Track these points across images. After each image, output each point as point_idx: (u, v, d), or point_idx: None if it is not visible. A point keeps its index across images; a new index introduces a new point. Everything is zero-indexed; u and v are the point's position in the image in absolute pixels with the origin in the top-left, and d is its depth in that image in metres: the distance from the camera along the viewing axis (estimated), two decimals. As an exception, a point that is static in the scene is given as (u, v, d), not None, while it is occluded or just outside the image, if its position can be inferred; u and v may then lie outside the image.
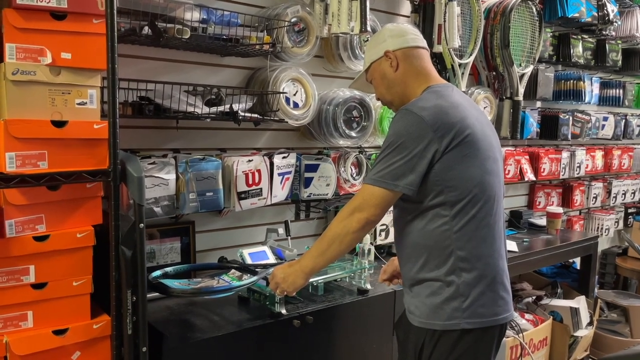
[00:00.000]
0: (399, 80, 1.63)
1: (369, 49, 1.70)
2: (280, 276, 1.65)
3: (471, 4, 2.88)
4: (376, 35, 1.71)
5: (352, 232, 1.53)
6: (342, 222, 1.54)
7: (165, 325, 1.72)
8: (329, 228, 1.57)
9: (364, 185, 1.54)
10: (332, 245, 1.56)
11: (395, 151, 1.48)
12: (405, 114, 1.51)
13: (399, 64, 1.62)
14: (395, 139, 1.49)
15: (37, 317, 1.46)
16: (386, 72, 1.64)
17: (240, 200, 2.08)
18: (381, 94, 1.70)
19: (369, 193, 1.51)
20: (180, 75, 2.06)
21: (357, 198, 1.53)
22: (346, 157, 2.48)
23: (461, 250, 1.50)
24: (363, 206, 1.51)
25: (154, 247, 2.03)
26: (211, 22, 1.88)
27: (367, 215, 1.51)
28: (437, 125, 1.46)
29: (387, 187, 1.49)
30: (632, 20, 3.84)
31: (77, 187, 1.48)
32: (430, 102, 1.52)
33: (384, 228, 2.62)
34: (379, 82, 1.68)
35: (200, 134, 2.15)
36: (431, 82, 1.62)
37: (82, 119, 1.44)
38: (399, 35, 1.65)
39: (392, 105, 1.70)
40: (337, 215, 1.58)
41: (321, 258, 1.59)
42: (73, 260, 1.49)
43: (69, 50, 1.41)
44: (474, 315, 1.50)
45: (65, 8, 1.39)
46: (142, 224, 1.46)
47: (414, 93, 1.61)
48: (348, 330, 2.03)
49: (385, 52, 1.63)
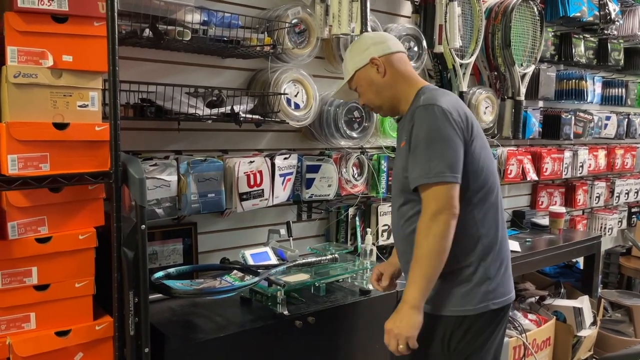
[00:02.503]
0: (388, 85, 1.67)
1: (350, 58, 1.72)
2: (395, 330, 1.52)
3: (472, 4, 2.88)
4: (355, 44, 1.73)
5: (444, 237, 1.48)
6: (428, 235, 1.48)
7: (168, 326, 1.73)
8: (419, 248, 1.50)
9: (427, 187, 1.50)
10: (432, 262, 1.49)
11: (438, 144, 1.50)
12: (431, 109, 1.53)
13: (386, 69, 1.66)
14: (434, 133, 1.51)
15: (39, 318, 1.47)
16: (373, 79, 1.67)
17: (242, 202, 2.08)
18: (369, 100, 1.72)
19: (438, 192, 1.49)
20: (181, 77, 2.07)
21: (429, 204, 1.49)
22: (348, 157, 2.48)
23: (486, 236, 1.59)
24: (441, 207, 1.48)
25: (156, 249, 2.04)
26: (212, 24, 1.88)
27: (450, 211, 1.49)
28: (460, 118, 1.55)
29: (450, 180, 1.49)
30: (634, 19, 3.83)
31: (79, 189, 1.49)
32: (444, 97, 1.58)
33: (386, 228, 2.62)
34: (366, 88, 1.70)
35: (202, 135, 2.16)
36: (421, 83, 1.69)
37: (83, 121, 1.44)
38: (381, 42, 1.69)
39: (381, 110, 1.74)
40: (417, 235, 1.51)
41: (425, 281, 1.49)
42: (75, 262, 1.50)
43: (70, 53, 1.42)
44: (498, 295, 1.60)
45: (67, 11, 1.40)
46: (143, 226, 1.47)
47: (405, 95, 1.66)
48: (350, 331, 2.03)
49: (371, 59, 1.66)
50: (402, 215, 1.65)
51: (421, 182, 1.51)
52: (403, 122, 1.67)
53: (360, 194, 2.55)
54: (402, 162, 1.62)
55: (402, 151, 1.63)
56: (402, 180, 1.62)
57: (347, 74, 1.73)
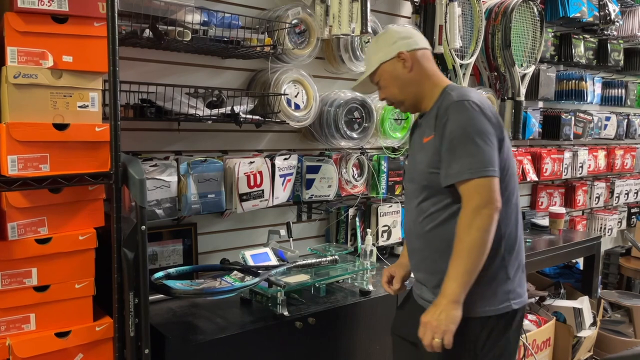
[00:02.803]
0: (414, 81, 1.66)
1: (376, 51, 1.69)
2: (433, 322, 1.47)
3: (472, 4, 2.88)
4: (382, 37, 1.72)
5: (488, 230, 1.47)
6: (471, 228, 1.47)
7: (168, 327, 1.72)
8: (460, 242, 1.48)
9: (468, 182, 1.48)
10: (474, 255, 1.47)
11: (478, 139, 1.50)
12: (467, 104, 1.53)
13: (413, 65, 1.65)
14: (472, 127, 1.51)
15: (39, 319, 1.47)
16: (399, 73, 1.66)
17: (242, 202, 2.08)
18: (391, 94, 1.70)
19: (481, 186, 1.48)
20: (181, 78, 2.07)
21: (472, 199, 1.48)
22: (348, 158, 2.48)
23: (508, 237, 1.59)
24: (484, 201, 1.47)
25: (156, 249, 2.04)
26: (212, 25, 1.88)
27: (494, 205, 1.48)
28: (492, 115, 1.56)
29: (492, 174, 1.49)
30: (634, 20, 3.83)
31: (79, 189, 1.49)
32: (476, 94, 1.58)
33: (386, 229, 2.62)
34: (389, 82, 1.68)
35: (202, 136, 2.16)
36: (445, 81, 1.68)
37: (83, 122, 1.44)
38: (408, 37, 1.68)
39: (402, 105, 1.72)
40: (458, 229, 1.50)
41: (467, 275, 1.47)
42: (75, 263, 1.50)
43: (71, 53, 1.42)
44: (517, 295, 1.61)
45: (67, 11, 1.39)
46: (143, 226, 1.47)
47: (429, 92, 1.66)
48: (350, 332, 2.02)
49: (399, 54, 1.65)
50: (422, 212, 1.63)
51: (463, 177, 1.49)
52: (426, 119, 1.65)
53: (360, 194, 2.55)
54: (426, 158, 1.60)
55: (426, 146, 1.60)
56: (426, 176, 1.60)
57: (371, 66, 1.70)
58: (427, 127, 1.62)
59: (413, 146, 1.75)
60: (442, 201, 1.58)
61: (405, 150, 2.71)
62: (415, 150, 1.71)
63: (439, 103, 1.60)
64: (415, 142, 1.72)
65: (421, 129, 1.68)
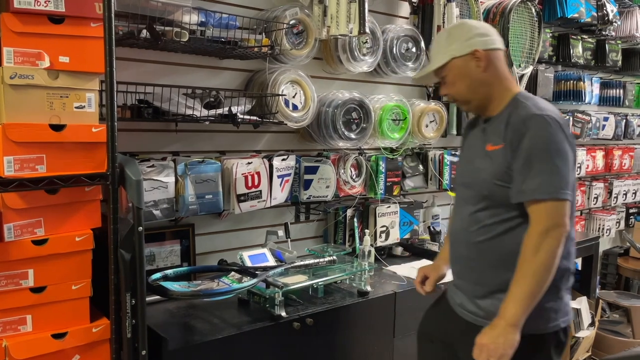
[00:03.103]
0: (485, 82, 1.58)
1: (448, 43, 1.60)
2: (490, 345, 1.43)
3: (470, 4, 2.87)
4: (457, 29, 1.62)
5: (555, 254, 1.43)
6: (539, 251, 1.42)
7: (165, 328, 1.72)
8: (526, 264, 1.43)
9: (540, 202, 1.43)
10: (540, 279, 1.42)
11: (556, 159, 1.44)
12: (547, 119, 1.46)
13: (487, 65, 1.57)
14: (552, 145, 1.44)
15: (36, 320, 1.46)
16: (471, 72, 1.57)
17: (240, 203, 2.07)
18: (457, 92, 1.62)
19: (553, 209, 1.43)
20: (179, 78, 2.06)
21: (542, 220, 1.43)
22: (346, 158, 2.48)
23: (566, 256, 1.51)
24: (554, 224, 1.42)
25: (153, 250, 2.03)
26: (209, 25, 1.88)
27: (564, 229, 1.43)
28: (569, 134, 1.49)
29: (566, 197, 1.43)
30: (632, 20, 3.84)
31: (75, 190, 1.48)
32: (552, 108, 1.52)
33: (384, 230, 2.62)
34: (457, 79, 1.60)
35: (200, 136, 2.15)
36: (517, 87, 1.61)
37: (80, 123, 1.44)
38: (486, 34, 1.59)
39: (467, 105, 1.64)
40: (525, 250, 1.44)
41: (530, 299, 1.42)
42: (72, 264, 1.49)
43: (67, 54, 1.41)
44: (564, 314, 1.55)
45: (63, 12, 1.39)
46: (140, 227, 1.46)
47: (499, 97, 1.58)
48: (348, 333, 2.02)
49: (474, 51, 1.56)
50: (476, 221, 1.57)
51: (536, 196, 1.43)
52: (493, 125, 1.57)
53: (359, 195, 2.55)
54: (491, 168, 1.52)
55: (492, 155, 1.53)
56: (489, 186, 1.53)
57: (440, 59, 1.61)
58: (494, 135, 1.54)
59: (471, 149, 1.67)
60: (501, 214, 1.52)
61: (404, 151, 2.71)
62: (475, 154, 1.62)
63: (510, 110, 1.53)
64: (475, 146, 1.64)
65: (485, 135, 1.60)
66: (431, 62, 1.67)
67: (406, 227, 2.77)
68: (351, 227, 2.56)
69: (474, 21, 1.64)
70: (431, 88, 2.91)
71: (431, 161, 2.85)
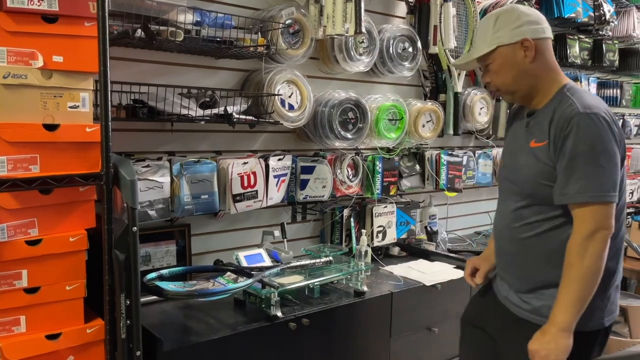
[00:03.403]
0: (532, 73, 1.52)
1: (495, 30, 1.52)
2: (542, 352, 1.42)
3: (467, 4, 2.87)
4: (505, 15, 1.53)
5: (601, 257, 1.41)
6: (585, 255, 1.40)
7: (160, 329, 1.71)
8: (573, 269, 1.41)
9: (586, 205, 1.41)
10: (588, 283, 1.41)
11: (604, 160, 1.40)
12: (593, 119, 1.41)
13: (536, 55, 1.50)
14: (599, 147, 1.40)
15: (30, 321, 1.45)
16: (518, 61, 1.51)
17: (236, 203, 2.07)
18: (502, 82, 1.56)
19: (599, 211, 1.41)
20: (174, 78, 2.06)
21: (586, 223, 1.41)
22: (342, 158, 2.47)
23: (616, 254, 1.51)
24: (599, 227, 1.40)
25: (149, 250, 2.03)
26: (205, 25, 1.87)
27: (608, 231, 1.42)
28: (618, 132, 1.45)
29: (611, 200, 1.41)
30: (629, 20, 3.83)
31: (69, 190, 1.48)
32: (601, 103, 1.47)
33: (381, 230, 2.62)
34: (503, 68, 1.53)
35: (196, 136, 2.15)
36: (564, 79, 1.55)
37: (74, 123, 1.43)
38: (537, 22, 1.52)
39: (511, 95, 1.59)
40: (570, 255, 1.42)
41: (580, 303, 1.41)
42: (66, 265, 1.48)
43: (61, 54, 1.40)
44: (609, 312, 1.53)
45: (57, 11, 1.38)
46: (135, 227, 1.46)
47: (546, 89, 1.53)
48: (345, 333, 2.02)
49: (524, 40, 1.49)
50: (520, 218, 1.55)
51: (578, 199, 1.41)
52: (537, 119, 1.53)
53: (355, 195, 2.54)
54: (535, 165, 1.49)
55: (535, 152, 1.50)
56: (533, 185, 1.50)
57: (486, 46, 1.53)
58: (538, 131, 1.51)
59: (515, 142, 1.62)
60: (545, 212, 1.50)
61: (400, 151, 2.71)
62: (518, 149, 1.59)
63: (555, 105, 1.48)
64: (519, 139, 1.59)
65: (529, 130, 1.55)
66: (475, 47, 1.59)
67: (403, 227, 2.77)
68: (348, 227, 2.55)
69: (524, 7, 1.57)
70: (428, 88, 2.91)
71: (428, 161, 2.85)
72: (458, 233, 3.14)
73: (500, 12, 1.56)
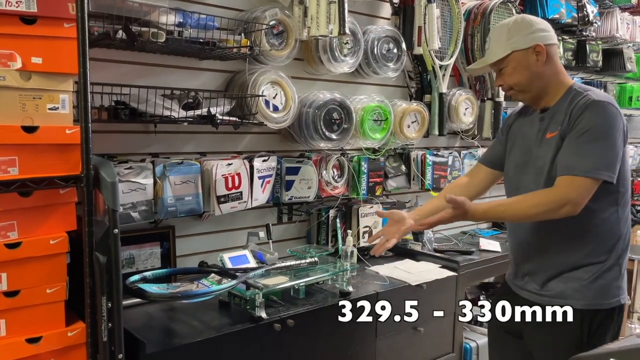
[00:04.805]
0: (543, 75, 1.67)
1: (509, 36, 1.67)
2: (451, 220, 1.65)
3: (451, 5, 2.89)
4: (517, 23, 1.69)
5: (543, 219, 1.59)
6: (543, 208, 1.55)
7: (144, 332, 1.70)
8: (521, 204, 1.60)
9: (578, 178, 1.53)
10: (513, 218, 1.67)
11: (605, 141, 1.53)
12: (605, 106, 1.56)
13: (547, 59, 1.66)
14: (605, 129, 1.54)
15: (9, 325, 1.44)
16: (531, 65, 1.66)
17: (220, 204, 2.06)
18: (516, 83, 1.69)
19: (585, 187, 1.52)
20: (158, 79, 2.05)
21: (571, 191, 1.53)
22: (328, 159, 2.48)
23: (625, 235, 1.66)
24: (577, 201, 1.52)
25: (133, 253, 2.02)
26: (187, 26, 1.87)
27: (576, 209, 1.53)
28: (624, 123, 1.59)
29: (603, 177, 1.52)
30: (612, 21, 3.88)
31: (49, 193, 1.46)
32: (611, 98, 1.61)
33: (367, 230, 2.62)
34: (516, 71, 1.67)
35: (180, 138, 2.14)
36: (570, 80, 1.71)
37: (53, 124, 1.42)
38: (546, 30, 1.69)
39: (523, 95, 1.72)
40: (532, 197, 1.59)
41: (492, 218, 1.81)
42: (46, 267, 1.47)
43: (40, 55, 1.39)
44: (623, 291, 1.67)
45: (35, 12, 1.37)
46: (116, 230, 1.45)
47: (554, 89, 1.68)
48: (330, 333, 2.02)
49: (536, 46, 1.64)
50: None
51: (575, 173, 1.53)
52: (552, 114, 1.67)
53: (341, 195, 2.55)
54: (550, 153, 1.62)
55: (551, 141, 1.63)
56: (549, 171, 1.62)
57: (501, 51, 1.68)
58: (553, 123, 1.65)
59: (526, 140, 1.74)
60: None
61: (386, 152, 2.72)
62: (532, 144, 1.71)
63: (569, 99, 1.63)
64: (530, 136, 1.72)
65: (544, 124, 1.68)
66: (489, 54, 1.74)
67: (389, 228, 2.77)
68: (334, 227, 2.56)
69: (533, 17, 1.73)
70: (413, 89, 2.92)
71: (413, 161, 2.86)
72: (444, 233, 3.15)
73: (512, 21, 1.72)
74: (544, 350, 1.69)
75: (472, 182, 1.96)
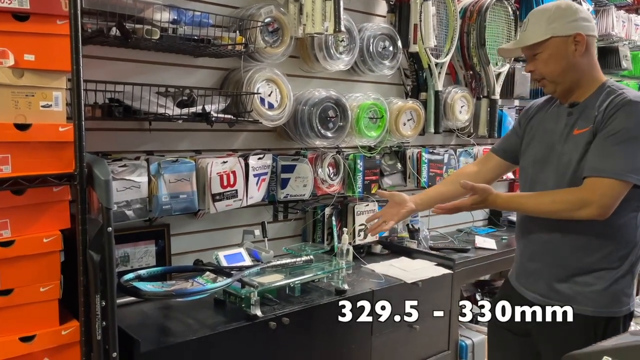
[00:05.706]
0: (579, 67, 1.58)
1: (549, 21, 1.57)
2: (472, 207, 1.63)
3: (447, 3, 2.89)
4: (560, 8, 1.59)
5: (569, 219, 1.53)
6: (564, 205, 1.51)
7: (138, 330, 1.70)
8: (545, 197, 1.56)
9: (605, 180, 1.46)
10: (535, 212, 1.59)
11: (637, 143, 1.47)
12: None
13: (585, 50, 1.57)
14: (635, 131, 1.47)
15: (3, 324, 1.43)
16: (568, 54, 1.57)
17: (215, 202, 2.06)
18: (549, 72, 1.61)
19: (612, 189, 1.46)
20: (152, 77, 2.04)
21: (594, 192, 1.47)
22: (323, 157, 2.47)
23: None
24: (600, 203, 1.46)
25: (128, 251, 2.01)
26: (182, 23, 1.86)
27: (599, 212, 1.47)
28: None
29: (632, 180, 1.46)
30: (608, 19, 3.88)
31: (43, 191, 1.45)
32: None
33: (363, 228, 2.62)
34: (552, 58, 1.59)
35: (175, 135, 2.13)
36: (604, 77, 1.63)
37: (46, 122, 1.41)
38: (588, 20, 1.60)
39: (554, 86, 1.63)
40: (558, 194, 1.54)
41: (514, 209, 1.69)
42: (40, 266, 1.46)
43: (33, 52, 1.38)
44: (633, 298, 1.62)
45: (28, 9, 1.36)
46: (110, 228, 1.44)
47: (588, 83, 1.60)
48: (326, 331, 2.02)
49: (577, 34, 1.56)
50: None
51: (602, 175, 1.47)
52: (582, 109, 1.59)
53: (336, 193, 2.54)
54: (577, 151, 1.55)
55: (578, 138, 1.56)
56: (574, 170, 1.56)
57: (539, 35, 1.58)
58: (583, 120, 1.57)
59: (550, 135, 1.66)
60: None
61: (382, 149, 2.71)
62: (556, 139, 1.63)
63: (601, 96, 1.55)
64: (554, 131, 1.65)
65: (572, 119, 1.61)
66: (525, 36, 1.63)
67: (385, 225, 2.77)
68: (329, 225, 2.55)
69: (576, 4, 1.64)
70: (409, 87, 2.92)
71: (409, 159, 2.86)
72: (440, 231, 3.16)
73: (556, 5, 1.61)
74: (552, 351, 1.62)
75: (481, 171, 1.88)
